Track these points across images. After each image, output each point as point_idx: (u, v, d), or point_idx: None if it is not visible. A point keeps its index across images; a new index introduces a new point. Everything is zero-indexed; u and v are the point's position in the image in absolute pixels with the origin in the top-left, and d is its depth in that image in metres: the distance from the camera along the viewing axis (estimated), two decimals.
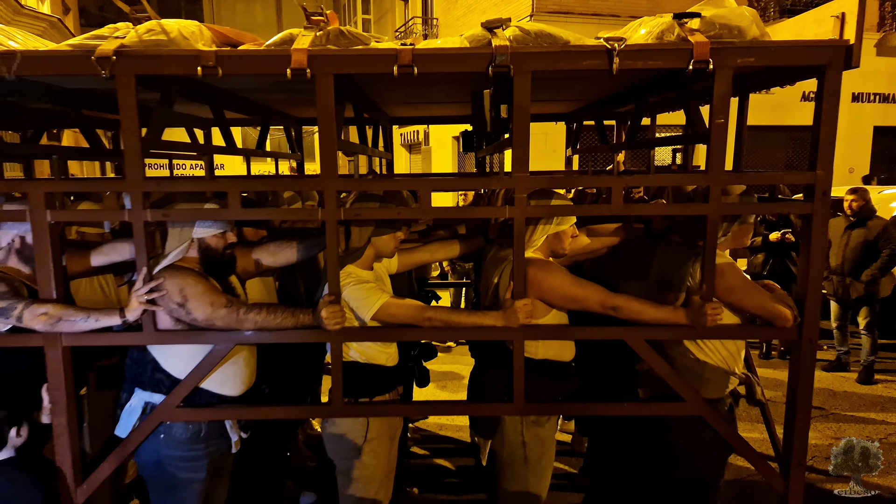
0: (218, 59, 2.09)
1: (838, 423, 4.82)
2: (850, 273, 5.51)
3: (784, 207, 2.92)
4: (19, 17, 11.46)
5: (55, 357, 2.21)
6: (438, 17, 14.81)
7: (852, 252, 5.47)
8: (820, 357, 6.31)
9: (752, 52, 2.08)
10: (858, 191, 5.53)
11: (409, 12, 17.20)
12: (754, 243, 5.68)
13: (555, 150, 10.12)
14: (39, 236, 2.15)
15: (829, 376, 5.87)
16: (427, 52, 2.12)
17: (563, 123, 4.79)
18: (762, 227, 5.72)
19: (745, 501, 3.59)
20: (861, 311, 5.64)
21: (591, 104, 3.96)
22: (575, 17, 10.05)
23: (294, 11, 21.38)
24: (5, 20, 10.77)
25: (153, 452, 2.31)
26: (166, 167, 4.76)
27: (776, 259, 5.74)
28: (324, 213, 2.16)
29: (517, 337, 2.24)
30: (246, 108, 3.44)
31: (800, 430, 2.34)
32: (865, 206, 5.45)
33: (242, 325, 2.19)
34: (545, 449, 2.41)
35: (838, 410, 5.07)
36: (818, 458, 4.12)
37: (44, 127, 3.83)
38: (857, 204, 5.42)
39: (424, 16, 15.89)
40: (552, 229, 2.35)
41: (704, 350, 2.38)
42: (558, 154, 10.19)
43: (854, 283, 5.50)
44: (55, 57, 2.13)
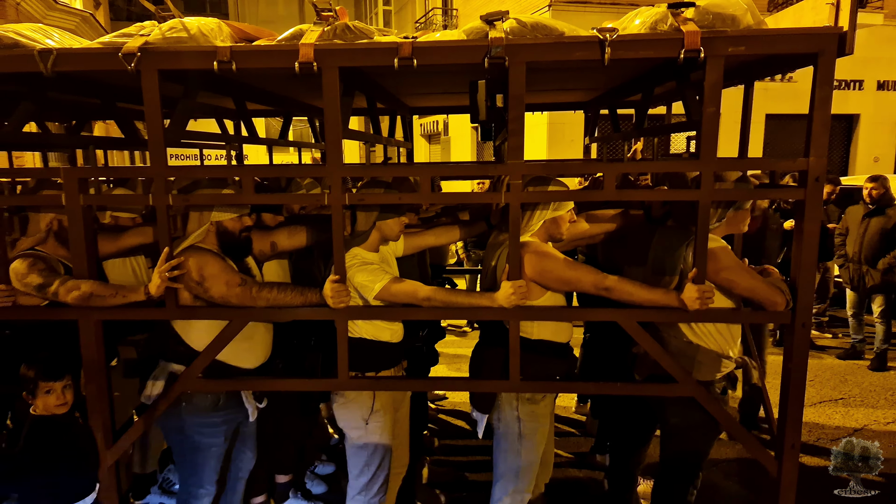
0: (232, 54, 2.24)
1: (847, 409, 4.84)
2: (868, 261, 5.47)
3: (776, 193, 2.93)
4: (53, 13, 11.87)
5: (88, 329, 2.42)
6: (458, 8, 14.80)
7: (870, 240, 5.43)
8: (834, 345, 6.33)
9: (743, 41, 2.12)
10: (878, 178, 5.48)
11: (428, 3, 17.21)
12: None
13: (573, 140, 10.12)
14: (73, 219, 2.35)
15: (842, 363, 5.85)
16: (426, 45, 2.23)
17: (580, 114, 4.84)
18: (777, 215, 5.65)
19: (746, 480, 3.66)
20: (876, 299, 5.61)
21: (606, 93, 4.00)
22: (593, 6, 9.92)
23: None
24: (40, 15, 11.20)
25: (176, 419, 2.51)
26: (196, 157, 4.99)
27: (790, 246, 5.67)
28: (330, 197, 2.30)
29: (512, 317, 2.35)
30: (268, 99, 3.61)
31: (793, 413, 2.38)
32: (885, 194, 5.39)
33: (255, 303, 2.35)
34: (539, 425, 2.52)
35: (849, 397, 5.08)
36: (823, 441, 4.19)
37: (84, 119, 4.08)
38: (877, 192, 5.37)
39: (444, 6, 15.90)
40: (549, 214, 2.44)
41: (697, 333, 2.45)
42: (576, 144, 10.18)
43: (871, 272, 5.46)
44: (86, 54, 2.31)
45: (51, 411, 2.30)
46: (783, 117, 10.37)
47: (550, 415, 2.63)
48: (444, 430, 4.52)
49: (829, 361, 5.91)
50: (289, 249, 2.81)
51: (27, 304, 2.46)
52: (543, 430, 2.53)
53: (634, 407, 2.90)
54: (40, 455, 2.27)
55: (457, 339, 6.72)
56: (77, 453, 2.38)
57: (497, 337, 2.49)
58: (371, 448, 2.61)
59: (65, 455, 2.32)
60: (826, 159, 2.19)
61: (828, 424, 4.52)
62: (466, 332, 7.02)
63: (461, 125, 14.28)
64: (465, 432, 4.50)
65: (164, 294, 2.36)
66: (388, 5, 20.08)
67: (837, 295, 6.75)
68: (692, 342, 2.45)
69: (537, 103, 4.74)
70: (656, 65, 2.61)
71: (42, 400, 2.29)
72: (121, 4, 20.83)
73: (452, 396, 5.07)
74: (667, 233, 2.55)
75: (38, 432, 2.30)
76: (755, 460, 2.46)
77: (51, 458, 2.28)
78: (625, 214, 2.74)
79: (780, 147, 10.97)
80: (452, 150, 15.48)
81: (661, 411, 2.62)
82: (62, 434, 2.33)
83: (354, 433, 2.62)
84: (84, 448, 2.43)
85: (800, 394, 2.37)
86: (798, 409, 2.38)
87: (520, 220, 2.28)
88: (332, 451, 4.03)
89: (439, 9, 15.87)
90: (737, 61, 2.57)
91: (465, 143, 14.43)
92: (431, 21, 15.71)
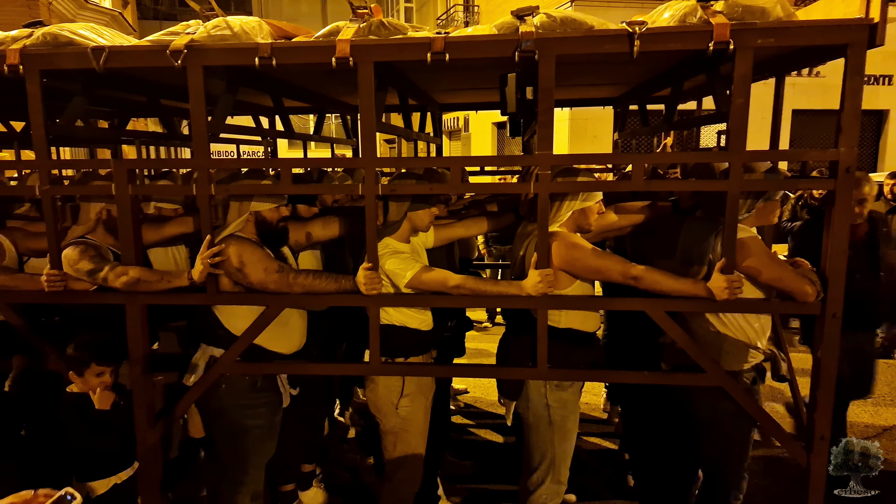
0: (273, 50, 2.34)
1: (876, 407, 4.86)
2: None
3: (806, 184, 2.92)
4: (84, 12, 12.26)
5: (134, 313, 2.54)
6: (479, 5, 14.83)
7: None
8: None
9: (773, 33, 2.14)
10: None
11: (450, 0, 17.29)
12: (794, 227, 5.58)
13: (595, 136, 10.11)
14: (122, 208, 2.48)
15: None
16: (458, 39, 2.30)
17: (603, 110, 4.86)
18: (804, 211, 5.64)
19: (772, 476, 3.64)
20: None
21: (636, 88, 4.02)
22: (617, 3, 9.89)
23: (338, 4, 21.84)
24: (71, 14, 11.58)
25: (216, 401, 2.62)
26: (233, 153, 5.16)
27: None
28: (364, 188, 2.38)
29: (540, 306, 2.40)
30: (304, 96, 3.72)
31: (823, 405, 2.38)
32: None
33: (292, 289, 2.45)
34: (568, 412, 2.56)
35: (879, 395, 5.05)
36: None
37: (128, 116, 4.26)
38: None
39: (466, 3, 15.94)
40: (577, 205, 2.48)
41: (725, 323, 2.46)
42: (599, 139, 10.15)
43: None
44: (136, 51, 2.43)
45: (91, 390, 2.43)
46: (810, 112, 10.17)
47: (577, 402, 2.67)
48: (463, 425, 4.58)
49: None
50: (323, 239, 2.90)
51: (77, 289, 2.60)
52: (574, 417, 2.58)
53: (658, 400, 2.91)
54: (77, 428, 2.40)
55: (478, 333, 6.78)
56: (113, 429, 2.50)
57: (524, 326, 2.54)
58: (401, 434, 2.69)
59: (101, 429, 2.44)
60: (857, 150, 2.19)
61: (856, 422, 4.50)
62: (488, 327, 7.08)
63: (481, 122, 14.35)
64: (483, 425, 4.55)
65: (205, 280, 2.47)
66: (410, 2, 20.22)
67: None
68: (720, 332, 2.46)
69: (567, 99, 4.77)
70: (686, 58, 2.63)
71: (87, 380, 2.42)
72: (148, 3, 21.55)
73: (473, 391, 5.13)
74: (695, 224, 2.57)
75: (75, 407, 2.43)
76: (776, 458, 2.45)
77: (88, 431, 2.41)
78: (653, 206, 2.77)
79: (808, 142, 10.80)
80: (473, 147, 15.56)
81: (690, 404, 2.63)
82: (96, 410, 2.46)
83: (385, 418, 2.70)
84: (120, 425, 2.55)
85: (830, 385, 2.37)
86: (828, 401, 2.37)
87: (548, 210, 2.33)
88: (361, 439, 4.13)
89: (461, 5, 15.94)
90: (767, 54, 2.59)
91: (485, 140, 14.51)
92: (453, 18, 15.79)
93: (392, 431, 2.70)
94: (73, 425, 2.42)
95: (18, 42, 2.42)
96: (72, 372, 2.46)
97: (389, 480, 2.77)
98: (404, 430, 2.68)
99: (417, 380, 2.69)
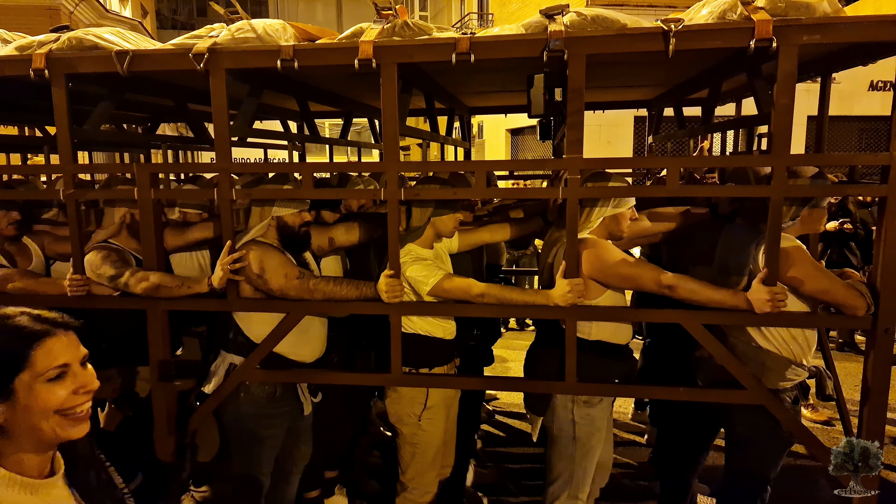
0: (295, 52, 2.30)
1: None
2: None
3: (855, 189, 2.75)
4: (104, 21, 12.60)
5: (155, 319, 2.52)
6: (494, 13, 14.81)
7: None
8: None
9: (818, 30, 2.01)
10: None
11: (464, 8, 17.32)
12: None
13: (609, 142, 10.00)
14: (144, 211, 2.46)
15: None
16: (484, 39, 2.22)
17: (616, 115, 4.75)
18: None
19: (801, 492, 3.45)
20: None
21: (671, 91, 3.88)
22: (630, 8, 9.81)
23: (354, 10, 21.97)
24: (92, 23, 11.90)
25: (234, 408, 2.58)
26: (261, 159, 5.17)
27: (834, 249, 5.60)
28: (386, 192, 2.32)
29: (568, 316, 2.30)
30: (330, 99, 3.69)
31: (873, 425, 2.23)
32: None
33: (312, 295, 2.40)
34: (595, 429, 2.44)
35: None
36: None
37: (157, 120, 4.29)
38: None
39: (480, 11, 15.93)
40: (609, 212, 2.37)
41: (768, 338, 2.32)
42: (612, 145, 10.01)
43: None
44: (159, 55, 2.42)
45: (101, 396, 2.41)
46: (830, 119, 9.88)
47: (608, 419, 2.55)
48: (491, 433, 4.47)
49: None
50: (346, 245, 2.85)
51: (100, 294, 2.59)
52: (600, 434, 2.46)
53: (694, 413, 2.77)
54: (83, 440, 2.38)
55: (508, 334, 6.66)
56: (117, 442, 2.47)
57: (553, 336, 2.44)
58: (422, 447, 2.61)
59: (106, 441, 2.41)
60: None
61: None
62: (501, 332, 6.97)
63: (496, 128, 14.32)
64: (512, 434, 4.44)
65: (226, 286, 2.43)
66: (425, 11, 20.37)
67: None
68: (761, 347, 2.32)
69: (599, 101, 4.65)
70: (725, 57, 2.51)
71: None
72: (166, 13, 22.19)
73: (502, 396, 5.02)
74: (735, 231, 2.44)
75: None
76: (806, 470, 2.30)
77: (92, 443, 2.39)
78: (689, 212, 2.64)
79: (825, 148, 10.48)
80: (487, 153, 15.51)
81: (726, 420, 2.50)
82: None
83: (406, 429, 2.62)
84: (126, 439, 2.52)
85: (883, 403, 2.22)
86: (880, 421, 2.22)
87: (577, 216, 2.23)
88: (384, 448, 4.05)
89: (475, 13, 15.94)
90: (813, 52, 2.44)
91: (499, 146, 14.48)
92: (467, 25, 15.82)
93: (411, 443, 2.62)
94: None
95: (44, 46, 2.43)
96: None
97: (405, 489, 2.70)
98: (425, 443, 2.60)
99: (441, 391, 2.60)
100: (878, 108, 10.51)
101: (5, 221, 2.86)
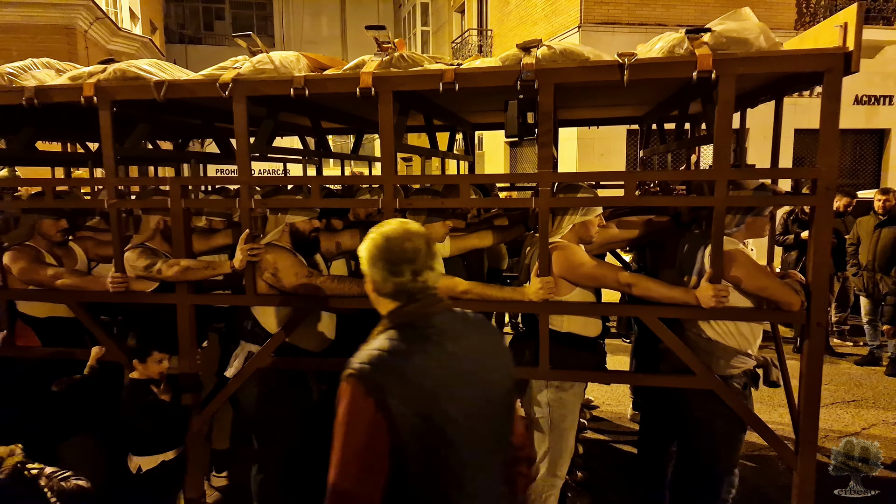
0: (305, 82, 2.68)
1: (857, 410, 5.04)
2: (881, 269, 5.79)
3: (788, 200, 3.04)
4: (117, 38, 13.09)
5: (183, 311, 2.91)
6: (493, 29, 15.19)
7: (882, 249, 5.79)
8: (855, 352, 6.51)
9: (753, 62, 2.33)
10: (889, 191, 5.93)
11: (465, 24, 17.75)
12: (787, 241, 6.01)
13: (602, 154, 10.38)
14: (176, 218, 2.85)
15: (859, 369, 6.07)
16: (467, 71, 2.58)
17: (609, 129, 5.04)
18: (795, 225, 5.85)
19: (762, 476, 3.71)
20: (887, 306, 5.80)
21: (655, 108, 4.20)
22: (622, 27, 9.96)
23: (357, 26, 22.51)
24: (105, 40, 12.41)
25: (252, 393, 2.94)
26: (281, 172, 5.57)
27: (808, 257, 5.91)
28: (383, 202, 2.68)
29: (541, 310, 2.63)
30: (341, 118, 4.08)
31: (809, 410, 2.51)
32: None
33: (319, 291, 2.76)
34: (567, 412, 2.75)
35: (861, 399, 5.27)
36: (831, 438, 4.31)
37: (188, 138, 4.72)
38: (889, 203, 5.81)
39: (479, 27, 16.32)
40: (578, 219, 2.70)
41: (717, 330, 2.62)
42: (605, 158, 10.36)
43: (884, 279, 5.77)
44: (191, 84, 2.81)
45: (150, 375, 2.78)
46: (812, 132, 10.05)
47: (577, 403, 2.86)
48: None
49: (846, 367, 6.14)
50: (351, 249, 3.20)
51: (137, 290, 2.98)
52: (572, 417, 2.77)
53: (665, 401, 3.06)
54: (135, 410, 2.75)
55: None
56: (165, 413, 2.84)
57: (532, 329, 2.77)
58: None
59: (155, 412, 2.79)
60: (836, 169, 2.34)
61: (835, 424, 4.69)
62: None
63: (495, 141, 14.64)
64: None
65: (245, 282, 2.80)
66: (427, 26, 20.84)
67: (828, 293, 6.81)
68: (711, 338, 2.62)
69: (592, 118, 4.98)
70: (682, 84, 2.83)
71: (149, 366, 2.78)
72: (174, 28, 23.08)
73: None
74: (691, 237, 2.75)
75: (134, 391, 2.79)
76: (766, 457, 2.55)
77: (144, 413, 2.76)
78: (650, 221, 2.96)
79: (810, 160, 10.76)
80: (487, 164, 15.87)
81: (686, 405, 2.79)
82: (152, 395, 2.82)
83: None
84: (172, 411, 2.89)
85: (816, 390, 2.50)
86: (814, 406, 2.51)
87: (548, 222, 2.56)
88: None
89: (475, 29, 16.38)
90: (760, 80, 2.76)
91: (498, 159, 14.82)
92: (467, 41, 16.21)
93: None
94: (132, 407, 2.78)
95: (93, 77, 2.84)
96: (136, 360, 2.82)
97: None
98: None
99: None
100: (863, 121, 11.07)
101: (54, 229, 3.26)
